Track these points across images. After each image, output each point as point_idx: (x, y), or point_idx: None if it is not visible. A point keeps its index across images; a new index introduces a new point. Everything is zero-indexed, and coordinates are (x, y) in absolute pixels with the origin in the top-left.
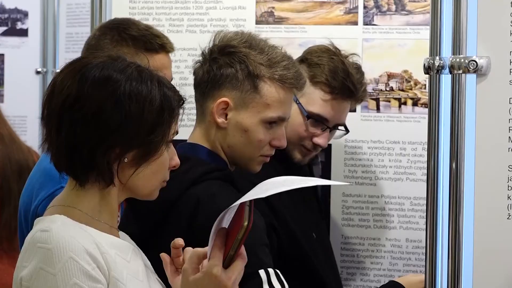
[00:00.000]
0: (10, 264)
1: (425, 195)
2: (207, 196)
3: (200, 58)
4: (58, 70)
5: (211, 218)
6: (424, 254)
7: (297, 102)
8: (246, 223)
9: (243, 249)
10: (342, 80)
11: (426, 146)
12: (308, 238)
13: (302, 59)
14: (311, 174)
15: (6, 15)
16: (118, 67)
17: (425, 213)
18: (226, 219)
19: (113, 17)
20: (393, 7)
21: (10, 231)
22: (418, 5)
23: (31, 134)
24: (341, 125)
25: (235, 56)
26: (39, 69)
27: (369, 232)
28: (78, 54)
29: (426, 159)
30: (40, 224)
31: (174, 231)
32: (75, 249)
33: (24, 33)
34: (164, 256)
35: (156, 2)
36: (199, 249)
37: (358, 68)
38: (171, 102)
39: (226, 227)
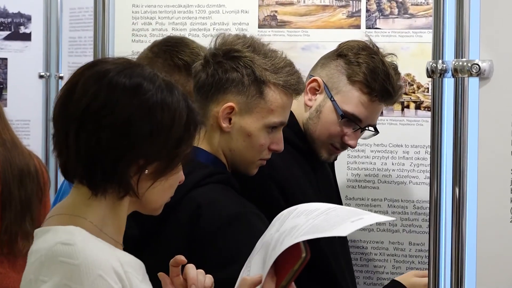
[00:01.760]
0: (11, 268)
1: (428, 198)
2: (208, 202)
3: (201, 60)
4: (73, 72)
5: (213, 224)
6: (427, 257)
7: (332, 99)
8: (304, 255)
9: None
10: (382, 82)
11: (429, 150)
12: (330, 240)
13: (340, 54)
14: (332, 171)
15: (9, 19)
16: (146, 75)
17: (428, 216)
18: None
19: (116, 21)
20: (396, 11)
21: (11, 236)
22: (420, 9)
23: (34, 138)
24: (373, 125)
25: (240, 60)
26: (42, 73)
27: (372, 235)
28: (81, 58)
29: (429, 163)
30: (53, 234)
31: (173, 235)
32: (104, 267)
33: (27, 37)
34: (163, 276)
35: (159, 6)
36: (248, 278)
37: (395, 68)
38: (196, 116)
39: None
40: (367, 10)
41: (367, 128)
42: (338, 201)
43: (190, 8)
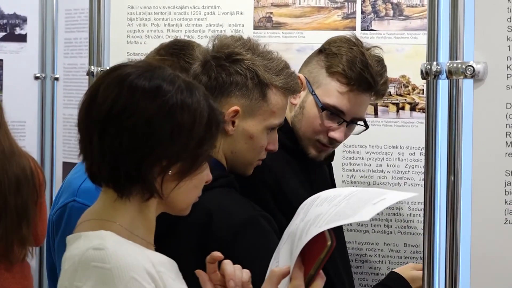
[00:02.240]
0: (9, 274)
1: (423, 200)
2: (218, 207)
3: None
4: (96, 78)
5: (227, 230)
6: (422, 258)
7: (313, 93)
8: (329, 243)
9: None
10: (360, 71)
11: (424, 151)
12: None
13: (321, 49)
14: (330, 174)
15: (5, 21)
16: (165, 77)
17: (423, 218)
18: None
19: (111, 22)
20: (391, 12)
21: (7, 244)
22: (415, 10)
23: (29, 139)
24: (359, 119)
25: (243, 63)
26: (38, 75)
27: (367, 236)
28: (76, 60)
29: (424, 164)
30: (85, 240)
31: (183, 241)
32: (136, 269)
33: (22, 38)
34: (200, 273)
35: (155, 8)
36: (276, 269)
37: (380, 60)
38: (217, 115)
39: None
40: (362, 12)
41: (355, 123)
42: None
43: (185, 9)
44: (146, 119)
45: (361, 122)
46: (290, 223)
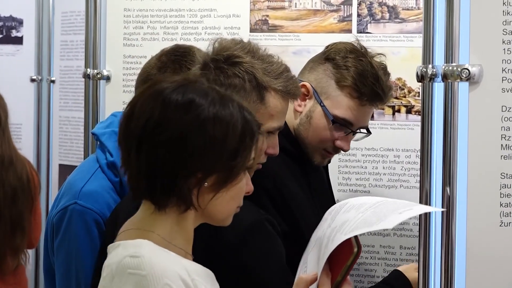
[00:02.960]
0: (1, 283)
1: (418, 202)
2: None
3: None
4: (134, 94)
5: (236, 236)
6: (418, 261)
7: (322, 104)
8: (356, 250)
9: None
10: (372, 86)
11: (419, 154)
12: None
13: (327, 58)
14: (327, 175)
15: (1, 23)
16: (199, 91)
17: (418, 220)
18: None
19: (107, 25)
20: (387, 15)
21: (1, 256)
22: (411, 13)
23: (25, 141)
24: (363, 127)
25: (242, 66)
26: (34, 77)
27: (363, 239)
28: (73, 62)
29: (419, 166)
30: (122, 249)
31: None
32: (170, 276)
33: (19, 41)
34: None
35: (151, 11)
36: (303, 276)
37: (385, 69)
38: (252, 126)
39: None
40: (358, 15)
41: (359, 131)
42: (332, 204)
43: (181, 12)
44: (180, 132)
45: (364, 130)
46: (317, 228)
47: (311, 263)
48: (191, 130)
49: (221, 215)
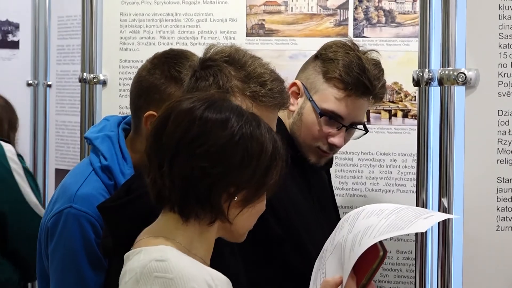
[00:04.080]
0: None
1: (415, 206)
2: None
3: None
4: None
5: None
6: (414, 265)
7: (310, 99)
8: (381, 253)
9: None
10: (357, 75)
11: (416, 158)
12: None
13: (317, 55)
14: (329, 178)
15: None
16: (234, 109)
17: None
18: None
19: (103, 29)
20: (383, 19)
21: None
22: (407, 17)
23: (22, 146)
24: (358, 123)
25: (211, 69)
26: (30, 81)
27: None
28: (69, 66)
29: (416, 171)
30: (145, 254)
31: None
32: (197, 279)
33: (15, 45)
34: None
35: (147, 15)
36: (330, 279)
37: (377, 64)
38: (280, 148)
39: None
40: (355, 19)
41: (354, 127)
42: (334, 208)
43: (178, 16)
44: (218, 147)
45: (361, 126)
46: (333, 236)
47: (331, 268)
48: (230, 145)
49: (242, 230)
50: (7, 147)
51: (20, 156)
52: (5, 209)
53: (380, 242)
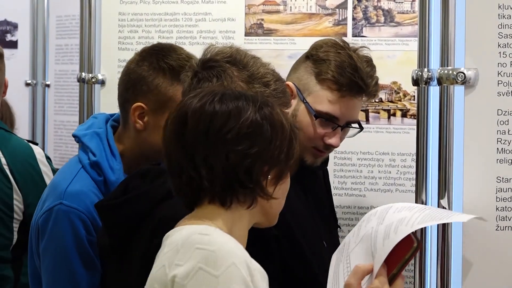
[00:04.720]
0: None
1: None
2: (168, 218)
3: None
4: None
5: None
6: (413, 265)
7: (304, 101)
8: (415, 244)
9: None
10: (350, 76)
11: (415, 157)
12: (317, 247)
13: (307, 55)
14: (326, 179)
15: None
16: (247, 95)
17: None
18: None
19: (102, 29)
20: (382, 19)
21: None
22: (406, 17)
23: None
24: (353, 122)
25: (214, 70)
26: (29, 81)
27: None
28: (67, 66)
29: (415, 170)
30: (188, 229)
31: (138, 247)
32: (238, 257)
33: (13, 45)
34: None
35: (146, 14)
36: (361, 265)
37: (368, 61)
38: (293, 127)
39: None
40: (354, 19)
41: (349, 126)
42: (331, 209)
43: (176, 16)
44: (247, 127)
45: (356, 124)
46: (357, 229)
47: (358, 258)
48: (256, 123)
49: (276, 209)
50: (37, 149)
51: (48, 158)
52: None
53: (414, 233)
